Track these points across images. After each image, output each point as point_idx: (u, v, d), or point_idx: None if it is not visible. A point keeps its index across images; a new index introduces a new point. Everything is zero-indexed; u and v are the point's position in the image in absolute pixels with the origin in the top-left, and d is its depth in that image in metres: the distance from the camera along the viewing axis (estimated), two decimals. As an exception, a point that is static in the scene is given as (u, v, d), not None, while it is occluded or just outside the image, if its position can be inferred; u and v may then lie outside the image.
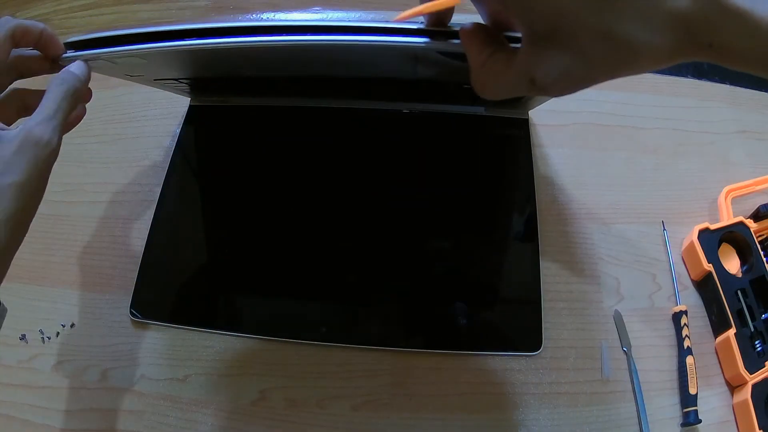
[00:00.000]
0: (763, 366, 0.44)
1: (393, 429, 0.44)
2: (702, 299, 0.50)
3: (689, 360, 0.46)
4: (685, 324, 0.47)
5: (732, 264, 0.50)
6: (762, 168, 0.55)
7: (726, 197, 0.52)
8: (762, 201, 0.51)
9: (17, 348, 0.48)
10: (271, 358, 0.47)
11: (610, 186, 0.54)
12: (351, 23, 0.29)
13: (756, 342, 0.46)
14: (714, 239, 0.49)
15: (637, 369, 0.46)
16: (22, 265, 0.50)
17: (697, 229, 0.50)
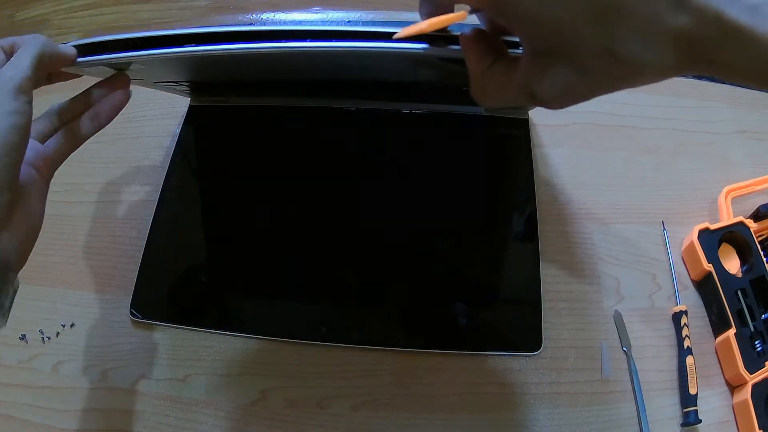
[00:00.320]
0: (763, 366, 0.44)
1: (393, 429, 0.44)
2: (702, 299, 0.50)
3: (689, 360, 0.46)
4: (685, 324, 0.47)
5: (732, 264, 0.50)
6: (762, 168, 0.55)
7: (726, 197, 0.52)
8: (762, 201, 0.51)
9: (17, 348, 0.47)
10: (271, 358, 0.47)
11: (609, 186, 0.54)
12: (350, 28, 0.29)
13: (756, 342, 0.46)
14: (714, 239, 0.49)
15: (637, 369, 0.46)
16: (22, 265, 0.50)
17: (697, 229, 0.50)
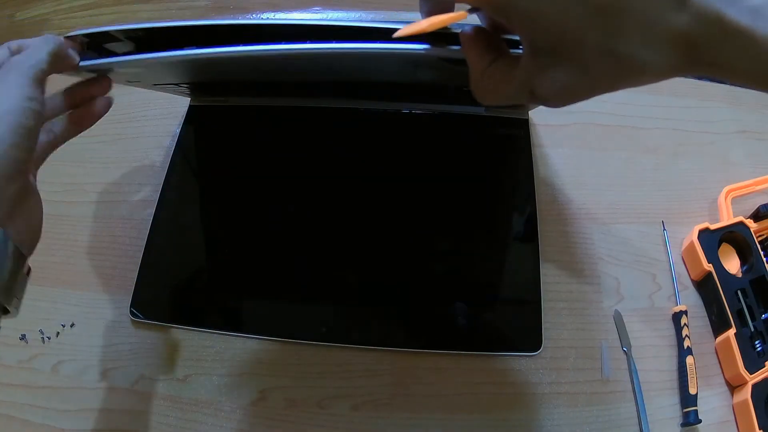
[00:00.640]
0: (763, 366, 0.44)
1: (393, 429, 0.44)
2: (702, 299, 0.50)
3: (689, 360, 0.46)
4: (685, 324, 0.47)
5: (732, 264, 0.50)
6: (762, 168, 0.55)
7: (726, 197, 0.52)
8: (762, 201, 0.51)
9: (17, 348, 0.47)
10: (271, 358, 0.47)
11: (609, 186, 0.54)
12: (350, 23, 0.29)
13: (756, 342, 0.46)
14: (714, 239, 0.49)
15: (637, 369, 0.46)
16: (22, 265, 0.50)
17: (697, 229, 0.50)
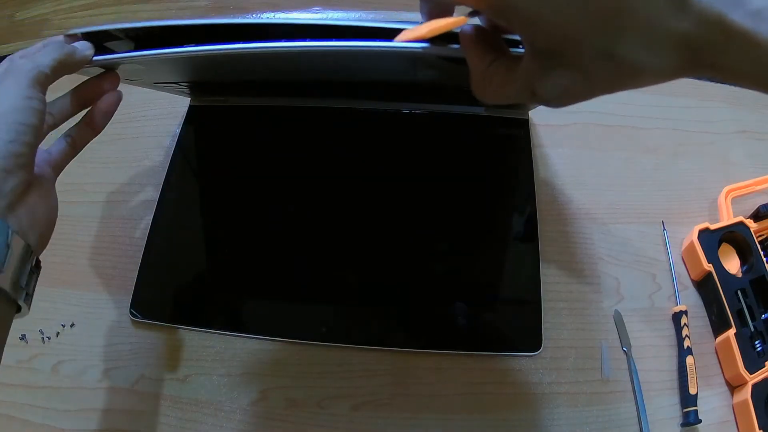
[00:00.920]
0: (763, 366, 0.44)
1: (393, 429, 0.44)
2: (702, 299, 0.50)
3: (689, 360, 0.46)
4: (685, 324, 0.47)
5: (732, 264, 0.50)
6: (762, 168, 0.55)
7: (726, 197, 0.52)
8: (762, 201, 0.51)
9: (17, 348, 0.47)
10: (271, 358, 0.47)
11: (610, 186, 0.54)
12: (350, 23, 0.29)
13: (756, 342, 0.46)
14: (714, 239, 0.49)
15: (637, 369, 0.46)
16: (22, 265, 0.50)
17: (697, 229, 0.50)
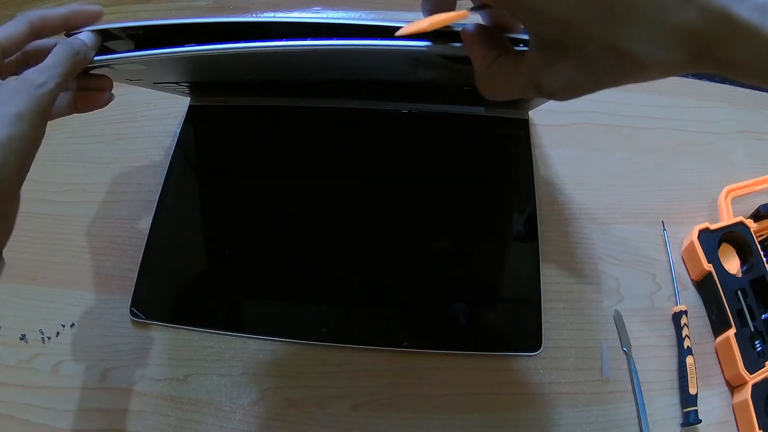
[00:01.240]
0: (763, 366, 0.44)
1: (393, 429, 0.44)
2: (702, 299, 0.50)
3: (689, 360, 0.46)
4: (685, 324, 0.47)
5: (732, 264, 0.50)
6: (762, 168, 0.55)
7: (726, 197, 0.52)
8: (762, 201, 0.51)
9: (17, 348, 0.47)
10: (271, 358, 0.47)
11: (610, 186, 0.54)
12: (351, 21, 0.29)
13: (756, 342, 0.46)
14: (714, 239, 0.49)
15: (637, 369, 0.46)
16: (22, 265, 0.50)
17: (697, 229, 0.50)
